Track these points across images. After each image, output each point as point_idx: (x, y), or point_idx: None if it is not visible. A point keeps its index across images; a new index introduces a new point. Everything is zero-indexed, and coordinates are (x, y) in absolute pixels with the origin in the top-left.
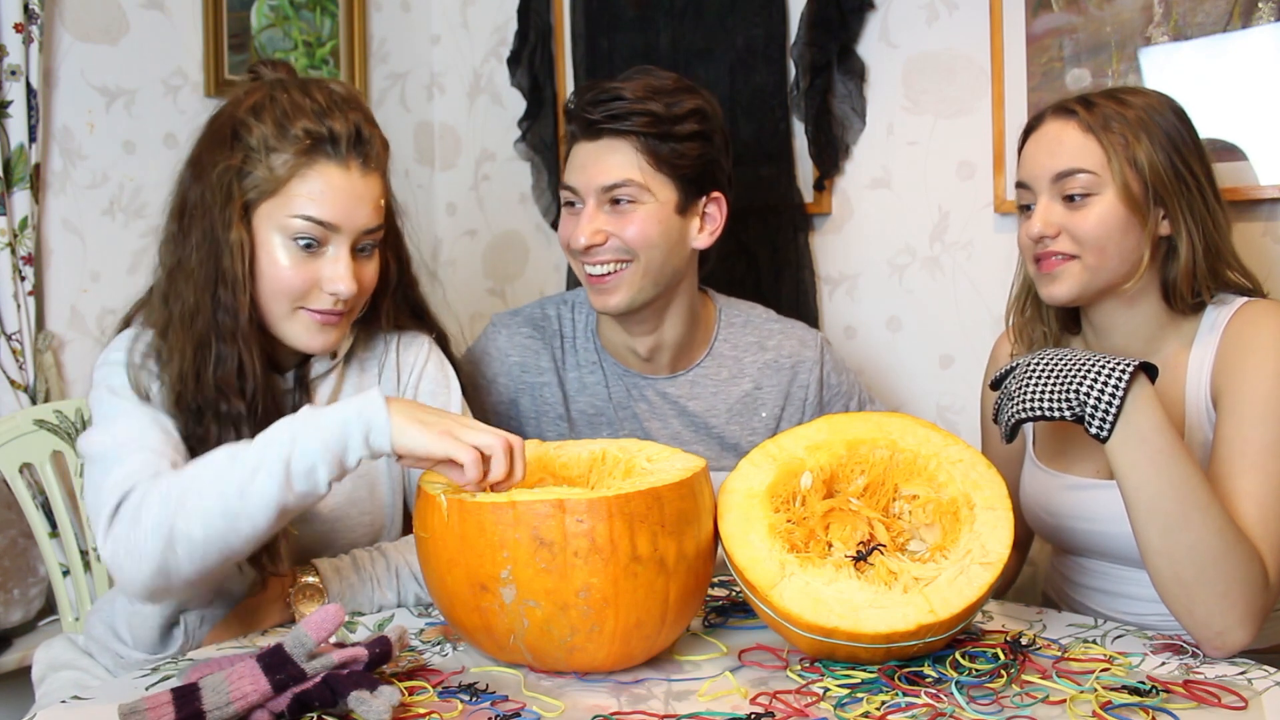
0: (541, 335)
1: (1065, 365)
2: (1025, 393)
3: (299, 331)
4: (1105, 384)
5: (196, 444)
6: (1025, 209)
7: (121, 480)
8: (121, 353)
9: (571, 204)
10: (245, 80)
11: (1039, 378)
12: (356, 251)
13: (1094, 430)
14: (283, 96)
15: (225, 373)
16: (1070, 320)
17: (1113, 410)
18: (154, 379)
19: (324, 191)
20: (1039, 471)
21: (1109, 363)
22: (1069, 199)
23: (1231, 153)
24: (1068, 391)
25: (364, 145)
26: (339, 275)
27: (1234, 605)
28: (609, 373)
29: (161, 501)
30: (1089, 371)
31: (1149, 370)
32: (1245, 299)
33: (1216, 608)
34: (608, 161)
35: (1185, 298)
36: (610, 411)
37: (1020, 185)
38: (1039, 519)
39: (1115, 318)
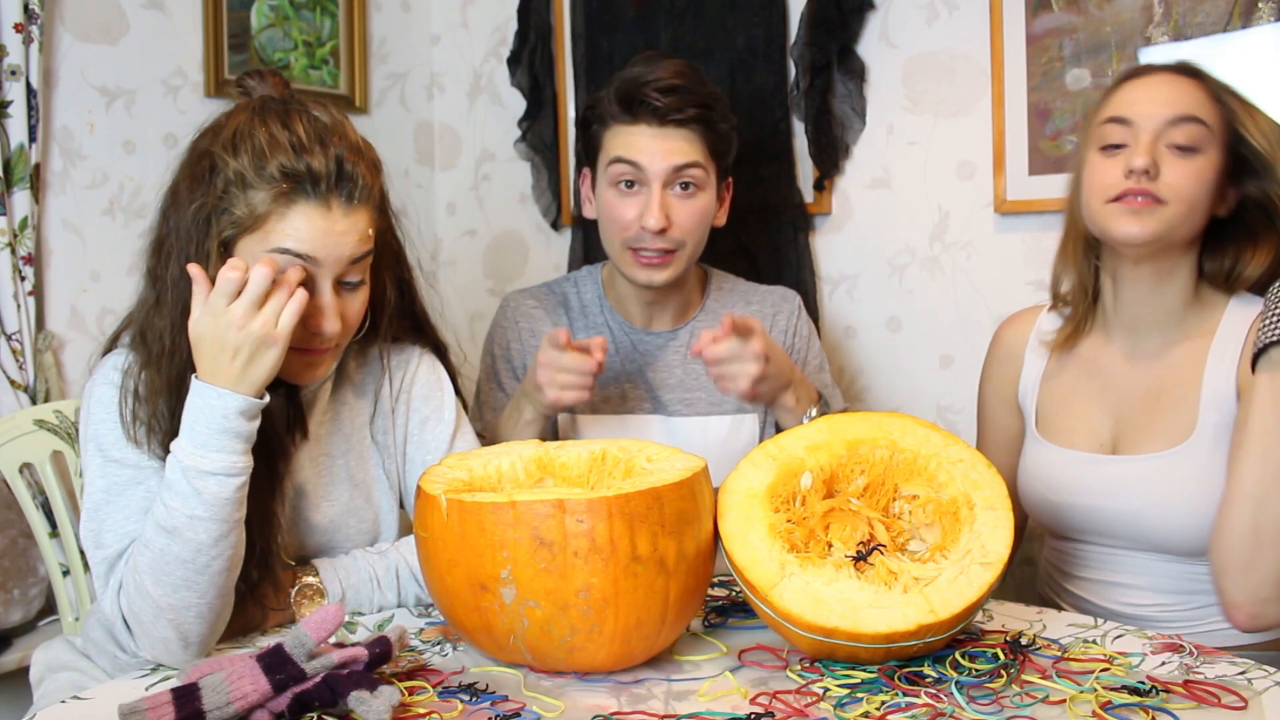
0: (545, 305)
1: None
2: None
3: (286, 367)
4: None
5: None
6: (1108, 148)
7: (114, 589)
8: (111, 387)
9: (631, 184)
10: (235, 94)
11: None
12: (341, 285)
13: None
14: (260, 130)
15: None
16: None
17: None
18: (143, 420)
19: (301, 230)
20: (1041, 447)
21: None
22: (1175, 148)
23: None
24: None
25: (345, 181)
26: (323, 316)
27: None
28: (617, 331)
29: (143, 600)
30: None
31: None
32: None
33: (1273, 575)
34: (678, 146)
35: (1247, 278)
36: (616, 364)
37: (1115, 120)
38: (1040, 498)
39: (1144, 293)
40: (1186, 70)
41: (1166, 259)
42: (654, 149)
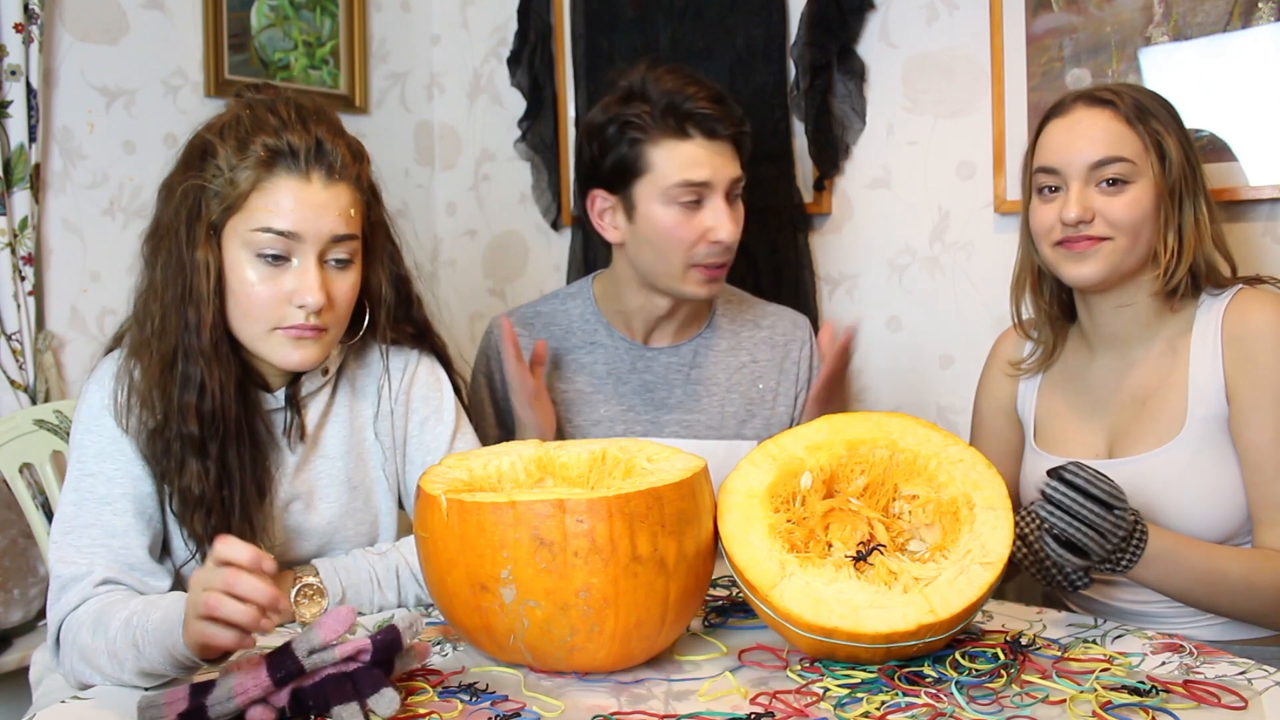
0: (532, 330)
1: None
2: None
3: (275, 349)
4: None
5: (172, 473)
6: (1044, 191)
7: (63, 610)
8: (102, 390)
9: (698, 201)
10: (230, 102)
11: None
12: (327, 263)
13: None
14: (247, 115)
15: (188, 393)
16: (1066, 309)
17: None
18: (135, 409)
19: (282, 202)
20: (1040, 458)
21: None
22: (1105, 184)
23: (1222, 153)
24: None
25: (325, 156)
26: (306, 286)
27: None
28: (613, 348)
29: (89, 668)
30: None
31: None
32: (1236, 287)
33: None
34: (730, 159)
35: (1189, 283)
36: (609, 386)
37: (1044, 170)
38: None
39: (1114, 314)
40: (1103, 100)
41: (1130, 283)
42: (714, 164)
